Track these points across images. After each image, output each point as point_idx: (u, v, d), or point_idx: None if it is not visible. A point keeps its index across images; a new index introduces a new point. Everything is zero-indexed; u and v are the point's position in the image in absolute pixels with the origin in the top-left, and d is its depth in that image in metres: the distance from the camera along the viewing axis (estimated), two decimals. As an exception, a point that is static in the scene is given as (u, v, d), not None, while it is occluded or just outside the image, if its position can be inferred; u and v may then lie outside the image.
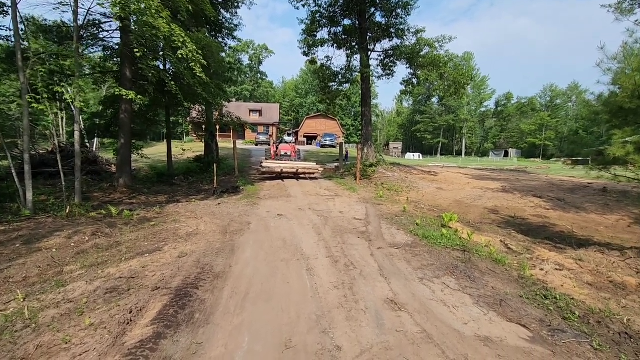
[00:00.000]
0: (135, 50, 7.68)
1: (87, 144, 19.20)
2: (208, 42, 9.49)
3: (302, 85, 76.85)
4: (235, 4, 18.42)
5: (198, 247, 5.76)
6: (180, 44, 7.43)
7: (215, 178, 12.21)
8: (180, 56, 7.61)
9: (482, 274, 4.70)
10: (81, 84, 9.00)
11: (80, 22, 8.85)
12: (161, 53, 10.38)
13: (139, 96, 8.80)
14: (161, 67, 14.43)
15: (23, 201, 8.27)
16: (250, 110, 51.44)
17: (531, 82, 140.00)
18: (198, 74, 8.10)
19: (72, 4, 8.44)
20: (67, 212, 8.37)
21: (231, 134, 47.69)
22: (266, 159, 17.00)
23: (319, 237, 6.32)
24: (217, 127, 41.30)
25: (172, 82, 8.96)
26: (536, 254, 5.96)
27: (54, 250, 5.75)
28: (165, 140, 46.31)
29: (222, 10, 18.26)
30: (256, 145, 40.93)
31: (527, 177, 19.75)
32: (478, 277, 4.54)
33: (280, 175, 14.74)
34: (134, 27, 7.98)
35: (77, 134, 9.09)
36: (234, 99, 65.85)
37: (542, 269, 4.99)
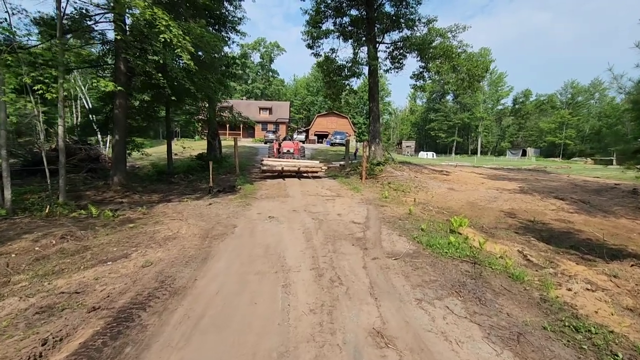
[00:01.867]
0: (117, 35, 7.08)
1: (89, 141, 18.91)
2: (200, 32, 8.82)
3: (314, 83, 75.96)
4: (239, -3, 17.79)
5: (169, 255, 5.10)
6: (163, 28, 6.79)
7: (211, 177, 11.60)
8: (162, 40, 6.98)
9: (495, 294, 3.87)
10: (66, 77, 8.49)
11: (65, 12, 8.30)
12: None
13: (138, 92, 8.21)
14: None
15: (1, 200, 7.79)
16: (260, 108, 51.03)
17: (551, 79, 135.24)
18: (185, 61, 7.43)
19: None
20: (47, 212, 7.87)
21: (240, 133, 47.44)
22: (269, 157, 16.34)
23: (307, 244, 5.57)
24: (227, 125, 41.05)
25: (159, 74, 8.33)
26: (561, 267, 5.07)
27: (12, 255, 5.18)
28: (175, 138, 46.21)
29: (225, 2, 17.67)
30: (265, 143, 40.42)
31: (546, 177, 18.51)
32: (490, 299, 3.71)
33: (281, 174, 14.05)
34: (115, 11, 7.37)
35: (60, 129, 8.59)
36: (244, 97, 65.75)
37: (569, 289, 4.12)
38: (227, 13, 17.75)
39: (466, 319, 3.29)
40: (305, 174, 14.49)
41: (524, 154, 64.00)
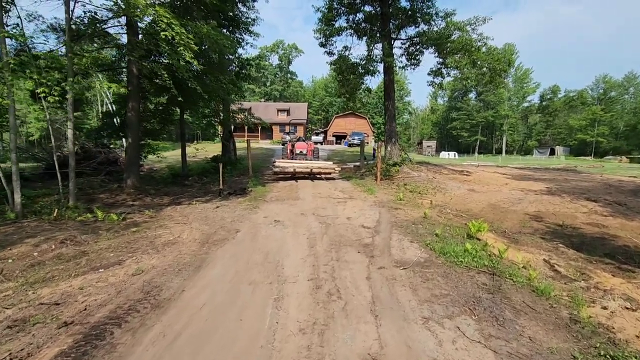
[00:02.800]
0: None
1: (114, 145, 19.28)
2: (207, 31, 8.64)
3: (332, 84, 75.38)
4: (253, -2, 17.69)
5: (163, 261, 4.86)
6: (164, 25, 6.63)
7: (221, 179, 11.44)
8: (163, 37, 6.81)
9: (516, 312, 3.37)
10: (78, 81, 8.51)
11: (73, 15, 8.33)
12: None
13: (153, 95, 8.10)
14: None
15: (11, 203, 7.86)
16: (279, 110, 51.15)
17: (581, 74, 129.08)
18: (187, 59, 7.23)
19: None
20: (55, 215, 7.87)
21: (259, 134, 47.70)
22: (282, 158, 16.09)
23: (309, 251, 5.20)
24: (245, 127, 41.24)
25: (166, 75, 8.20)
26: (594, 280, 4.46)
27: (9, 260, 5.09)
28: (195, 141, 46.90)
29: (238, 4, 17.61)
30: (282, 144, 40.39)
31: (577, 177, 17.35)
32: (510, 319, 3.22)
33: (294, 176, 13.75)
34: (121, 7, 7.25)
35: (70, 132, 8.62)
36: (262, 100, 66.24)
37: (605, 307, 3.56)
38: (240, 14, 17.68)
39: (480, 343, 2.82)
40: (318, 176, 14.13)
41: (553, 152, 61.11)
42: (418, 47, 15.37)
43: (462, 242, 5.70)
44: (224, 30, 17.12)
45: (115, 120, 16.41)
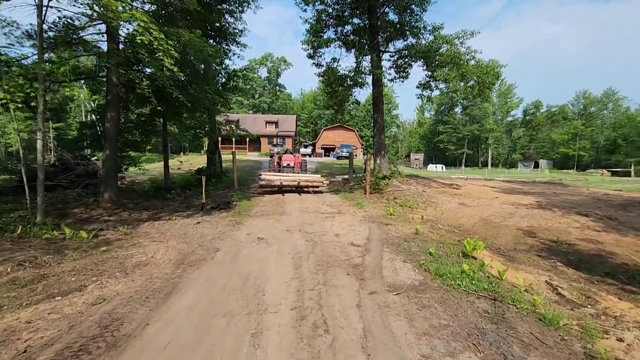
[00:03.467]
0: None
1: (88, 156, 18.52)
2: (189, 37, 8.27)
3: (321, 97, 75.74)
4: (240, 9, 17.50)
5: (130, 287, 4.34)
6: (141, 30, 6.24)
7: (204, 192, 10.92)
8: (139, 42, 6.41)
9: (524, 347, 2.99)
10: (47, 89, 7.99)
11: (45, 19, 7.86)
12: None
13: (136, 105, 7.59)
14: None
15: (-30, 220, 7.20)
16: (267, 122, 50.86)
17: (561, 90, 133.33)
18: (167, 66, 6.82)
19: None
20: (19, 232, 7.23)
21: (247, 147, 47.20)
22: (269, 171, 15.65)
23: (294, 273, 4.76)
24: (233, 139, 40.70)
25: (144, 81, 7.77)
26: (602, 304, 4.15)
27: (-47, 287, 4.49)
28: (182, 153, 45.96)
29: (226, 15, 17.39)
30: (270, 157, 39.94)
31: (564, 191, 17.41)
32: (520, 357, 2.84)
33: (281, 189, 13.31)
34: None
35: (39, 143, 8.03)
36: (250, 112, 65.94)
37: (620, 339, 3.22)
38: (227, 25, 17.44)
39: (489, 390, 2.42)
40: (306, 189, 13.73)
41: (537, 165, 62.25)
42: (407, 60, 15.35)
43: (458, 262, 5.35)
44: (211, 41, 16.82)
45: (97, 130, 15.78)
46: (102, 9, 6.20)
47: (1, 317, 3.56)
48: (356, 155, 45.61)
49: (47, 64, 12.43)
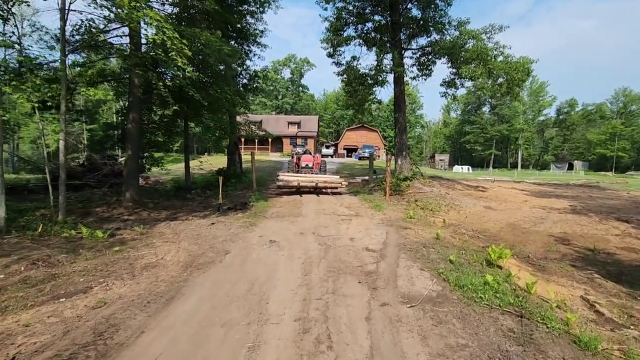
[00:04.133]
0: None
1: (116, 156, 19.12)
2: (206, 38, 8.23)
3: (343, 97, 75.54)
4: (261, 10, 17.51)
5: (134, 290, 4.24)
6: (154, 30, 6.23)
7: (220, 193, 10.90)
8: (153, 41, 6.39)
9: (556, 377, 2.59)
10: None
11: (67, 22, 8.04)
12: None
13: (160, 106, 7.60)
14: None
15: (-5, 218, 7.43)
16: (289, 123, 51.03)
17: (598, 88, 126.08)
18: (180, 65, 6.75)
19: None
20: (40, 231, 7.40)
21: (269, 147, 47.56)
22: (288, 172, 15.52)
23: (302, 280, 4.51)
24: (255, 140, 41.10)
25: (160, 83, 7.78)
26: (649, 326, 3.63)
27: (-31, 285, 4.56)
28: (205, 154, 46.95)
29: (247, 15, 17.45)
30: (291, 157, 40.01)
31: (602, 194, 16.25)
32: (550, 389, 2.45)
33: (299, 190, 13.12)
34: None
35: (61, 144, 8.22)
36: (273, 112, 66.49)
37: (674, 370, 2.74)
38: (248, 26, 17.48)
39: None
40: (324, 190, 13.47)
41: (571, 167, 59.04)
42: (430, 56, 14.78)
43: (481, 271, 4.92)
44: (232, 42, 16.93)
45: (122, 131, 16.25)
46: (117, 9, 6.22)
47: (3, 318, 3.52)
48: (378, 156, 44.93)
49: (76, 67, 12.91)
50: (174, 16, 11.80)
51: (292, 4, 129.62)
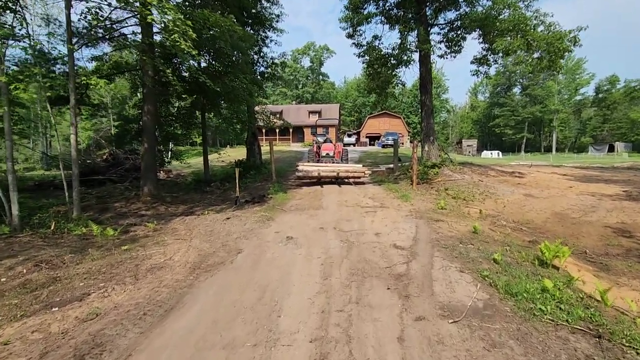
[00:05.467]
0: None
1: (137, 151, 19.16)
2: (215, 19, 7.64)
3: (365, 82, 73.67)
4: (276, -10, 16.77)
5: (133, 297, 3.79)
6: (155, 9, 5.70)
7: (237, 185, 10.42)
8: (150, 21, 5.87)
9: None
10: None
11: (73, 12, 7.67)
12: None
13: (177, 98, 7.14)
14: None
15: (9, 216, 7.27)
16: (310, 112, 50.28)
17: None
18: (183, 48, 6.18)
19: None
20: (52, 229, 7.19)
21: (290, 137, 47.13)
22: (308, 161, 14.90)
23: (321, 286, 3.89)
24: (276, 130, 40.74)
25: (168, 71, 7.30)
26: None
27: (-34, 289, 4.27)
28: (227, 146, 47.13)
29: (263, 0, 16.76)
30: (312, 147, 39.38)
31: (657, 177, 14.61)
32: None
33: (319, 181, 12.50)
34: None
35: (72, 138, 7.95)
36: (294, 102, 65.86)
37: None
38: (263, 11, 16.79)
39: None
40: (346, 180, 12.78)
41: (612, 149, 54.90)
42: (459, 31, 13.52)
43: (535, 273, 4.13)
44: (248, 28, 16.32)
45: (139, 124, 16.17)
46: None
47: (-14, 332, 3.13)
48: (402, 144, 43.49)
49: (93, 62, 12.71)
50: (186, 3, 11.30)
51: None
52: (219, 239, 6.16)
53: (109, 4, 7.34)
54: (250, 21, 16.72)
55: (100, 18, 8.28)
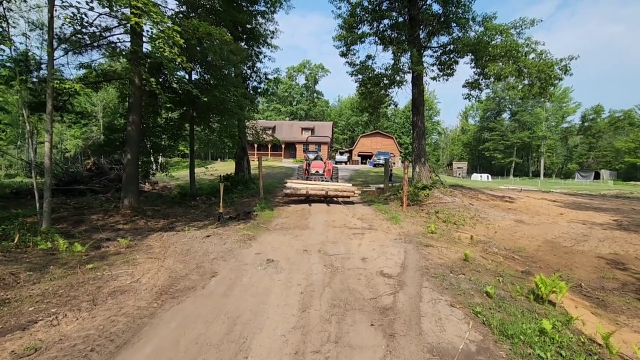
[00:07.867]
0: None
1: (123, 161, 18.65)
2: (205, 29, 7.44)
3: (358, 101, 74.44)
4: (272, 9, 16.84)
5: (84, 327, 3.34)
6: (139, 12, 5.45)
7: (221, 201, 10.00)
8: (134, 25, 5.61)
9: None
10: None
11: (55, 17, 7.39)
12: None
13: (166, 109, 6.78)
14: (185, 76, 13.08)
15: (-31, 227, 6.74)
16: (303, 129, 50.37)
17: (626, 94, 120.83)
18: (167, 55, 5.91)
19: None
20: (16, 242, 6.66)
21: (282, 153, 46.96)
22: (297, 179, 14.58)
23: (299, 319, 3.51)
24: (268, 145, 40.55)
25: (152, 79, 7.01)
26: None
27: None
28: (219, 159, 46.64)
29: (257, 16, 16.81)
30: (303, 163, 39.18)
31: (645, 207, 14.61)
32: None
33: (307, 199, 12.16)
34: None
35: (47, 145, 7.53)
36: (287, 118, 66.13)
37: None
38: (258, 27, 16.82)
39: None
40: (335, 199, 12.47)
41: (597, 176, 56.00)
42: (452, 55, 13.64)
43: (530, 310, 3.82)
44: (242, 44, 16.29)
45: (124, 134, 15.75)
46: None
47: None
48: (394, 163, 43.60)
49: (80, 70, 12.38)
50: (181, 15, 11.17)
51: (310, 13, 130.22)
52: (195, 260, 5.73)
53: (91, 8, 7.06)
54: (244, 36, 16.71)
55: (85, 24, 8.01)
